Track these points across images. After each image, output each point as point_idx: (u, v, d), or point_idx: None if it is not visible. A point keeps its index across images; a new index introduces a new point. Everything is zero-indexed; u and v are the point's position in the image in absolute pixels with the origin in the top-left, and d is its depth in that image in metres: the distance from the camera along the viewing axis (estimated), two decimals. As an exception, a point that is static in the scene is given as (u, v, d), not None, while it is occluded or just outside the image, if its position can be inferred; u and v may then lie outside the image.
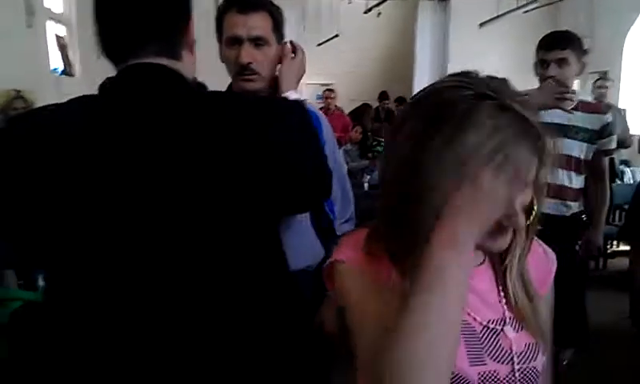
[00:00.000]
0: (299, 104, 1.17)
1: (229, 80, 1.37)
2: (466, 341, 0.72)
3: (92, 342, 0.92)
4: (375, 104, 8.29)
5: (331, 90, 6.20)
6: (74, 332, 0.93)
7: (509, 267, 0.77)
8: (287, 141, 0.98)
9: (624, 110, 4.94)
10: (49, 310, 0.99)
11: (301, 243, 1.42)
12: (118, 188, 0.89)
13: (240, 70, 1.26)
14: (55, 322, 0.97)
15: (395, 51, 10.26)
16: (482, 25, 7.61)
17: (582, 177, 2.28)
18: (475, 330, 0.74)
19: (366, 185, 4.40)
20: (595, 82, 4.77)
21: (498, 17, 7.23)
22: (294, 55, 1.32)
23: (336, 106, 6.58)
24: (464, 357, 0.71)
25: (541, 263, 0.85)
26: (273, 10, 1.31)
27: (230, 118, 0.94)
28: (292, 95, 1.24)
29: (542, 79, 2.16)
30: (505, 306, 0.78)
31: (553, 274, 0.86)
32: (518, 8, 6.90)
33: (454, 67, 2.40)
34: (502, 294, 0.78)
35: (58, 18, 5.09)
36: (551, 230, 1.99)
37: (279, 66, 1.32)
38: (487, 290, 0.78)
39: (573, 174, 2.20)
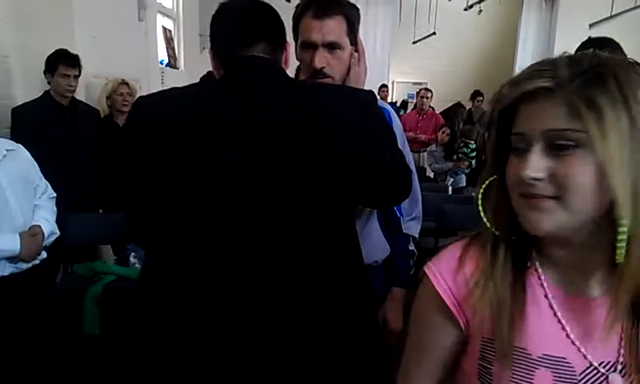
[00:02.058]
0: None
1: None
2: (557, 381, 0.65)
3: (181, 320, 0.99)
4: (468, 104, 8.03)
5: (428, 90, 6.06)
6: (166, 310, 1.01)
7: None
8: (374, 132, 1.06)
9: None
10: (144, 287, 1.07)
11: (369, 239, 1.42)
12: (225, 169, 0.97)
13: (314, 74, 1.29)
14: (149, 298, 1.05)
15: (494, 51, 9.83)
16: (592, 25, 7.08)
17: None
18: (574, 372, 0.65)
19: (449, 188, 4.28)
20: None
21: (611, 17, 6.69)
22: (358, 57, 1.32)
23: (430, 106, 6.45)
24: None
25: None
26: (348, 13, 1.30)
27: (327, 106, 1.03)
28: None
29: None
30: (621, 348, 0.65)
31: None
32: (637, 7, 6.34)
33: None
34: (623, 334, 0.66)
35: (166, 13, 5.46)
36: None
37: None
38: (603, 325, 0.64)
39: None
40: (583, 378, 0.65)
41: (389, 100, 8.35)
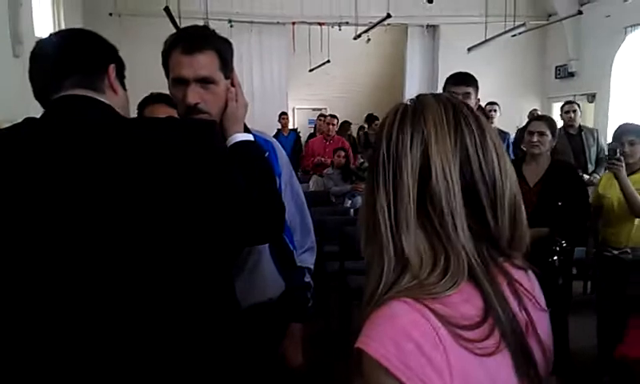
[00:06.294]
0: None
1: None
2: None
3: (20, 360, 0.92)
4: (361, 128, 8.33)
5: (333, 117, 6.17)
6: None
7: None
8: (225, 169, 1.02)
9: (596, 130, 4.78)
10: None
11: (261, 275, 1.39)
12: (53, 215, 0.91)
13: (188, 110, 1.23)
14: None
15: (385, 76, 10.35)
16: (470, 49, 7.70)
17: None
18: None
19: (351, 211, 4.37)
20: (562, 106, 4.68)
21: (485, 41, 7.33)
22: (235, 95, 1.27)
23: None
24: None
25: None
26: (219, 47, 1.26)
27: (158, 141, 0.98)
28: (240, 137, 1.22)
29: None
30: None
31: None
32: (506, 32, 6.99)
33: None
34: None
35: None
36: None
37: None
38: None
39: None
40: None
41: (290, 127, 8.44)
